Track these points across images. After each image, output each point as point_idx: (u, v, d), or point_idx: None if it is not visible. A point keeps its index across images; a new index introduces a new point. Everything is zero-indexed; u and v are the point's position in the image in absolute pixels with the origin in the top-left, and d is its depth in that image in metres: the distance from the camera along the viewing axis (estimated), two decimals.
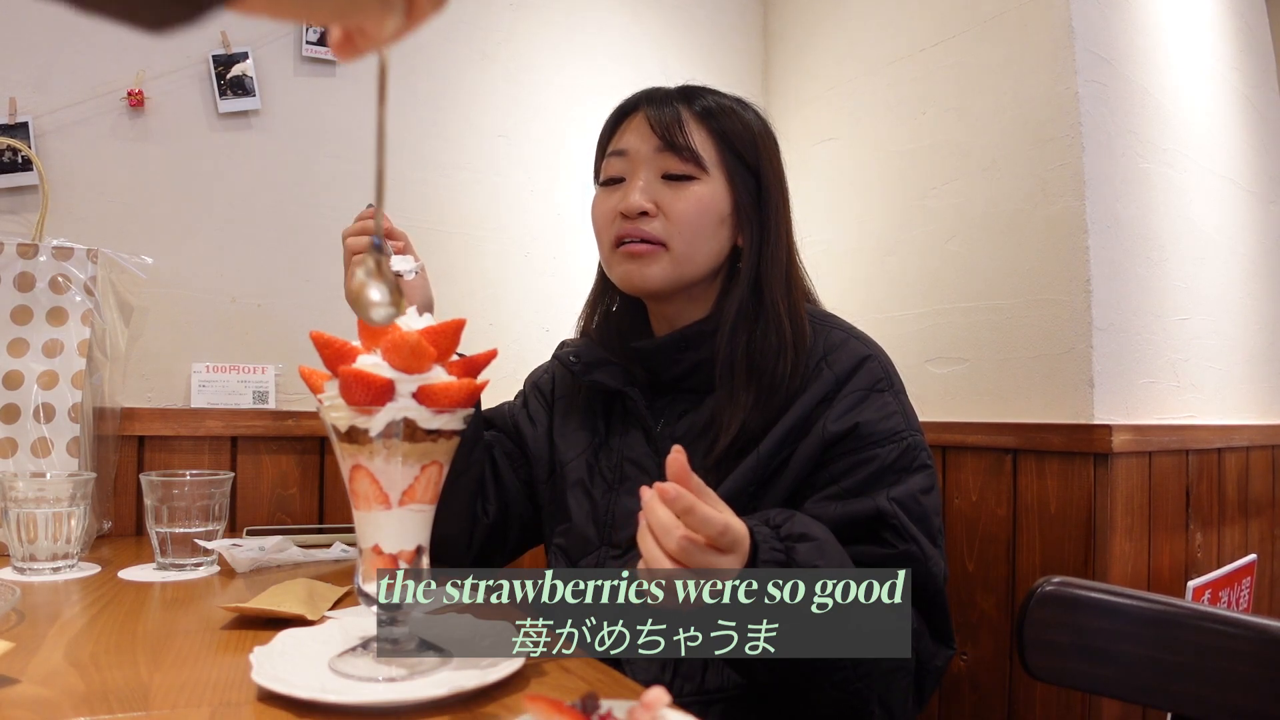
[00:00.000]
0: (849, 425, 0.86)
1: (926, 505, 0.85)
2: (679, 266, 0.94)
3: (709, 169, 0.94)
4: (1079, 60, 1.32)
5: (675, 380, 0.97)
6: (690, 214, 0.92)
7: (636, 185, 0.94)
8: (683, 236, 0.93)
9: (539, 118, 1.69)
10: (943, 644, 0.86)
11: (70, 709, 0.54)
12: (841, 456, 0.86)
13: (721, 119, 0.95)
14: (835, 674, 0.72)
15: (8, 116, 1.27)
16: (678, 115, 0.94)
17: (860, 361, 0.90)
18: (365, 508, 0.61)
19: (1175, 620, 0.73)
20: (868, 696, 0.75)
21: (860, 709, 0.76)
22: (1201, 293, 1.57)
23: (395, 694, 0.56)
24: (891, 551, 0.82)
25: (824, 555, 0.71)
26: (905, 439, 0.87)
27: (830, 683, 0.73)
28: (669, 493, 0.60)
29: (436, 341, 0.60)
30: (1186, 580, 1.38)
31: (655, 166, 0.94)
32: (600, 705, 0.42)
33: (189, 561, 1.02)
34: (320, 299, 1.47)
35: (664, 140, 0.93)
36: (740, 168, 0.95)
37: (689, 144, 0.93)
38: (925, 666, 0.83)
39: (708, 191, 0.93)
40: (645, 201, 0.93)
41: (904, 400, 0.91)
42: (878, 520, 0.83)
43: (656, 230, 0.93)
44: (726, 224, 0.95)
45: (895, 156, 1.61)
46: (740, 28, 1.96)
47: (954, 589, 1.40)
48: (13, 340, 1.18)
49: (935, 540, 0.85)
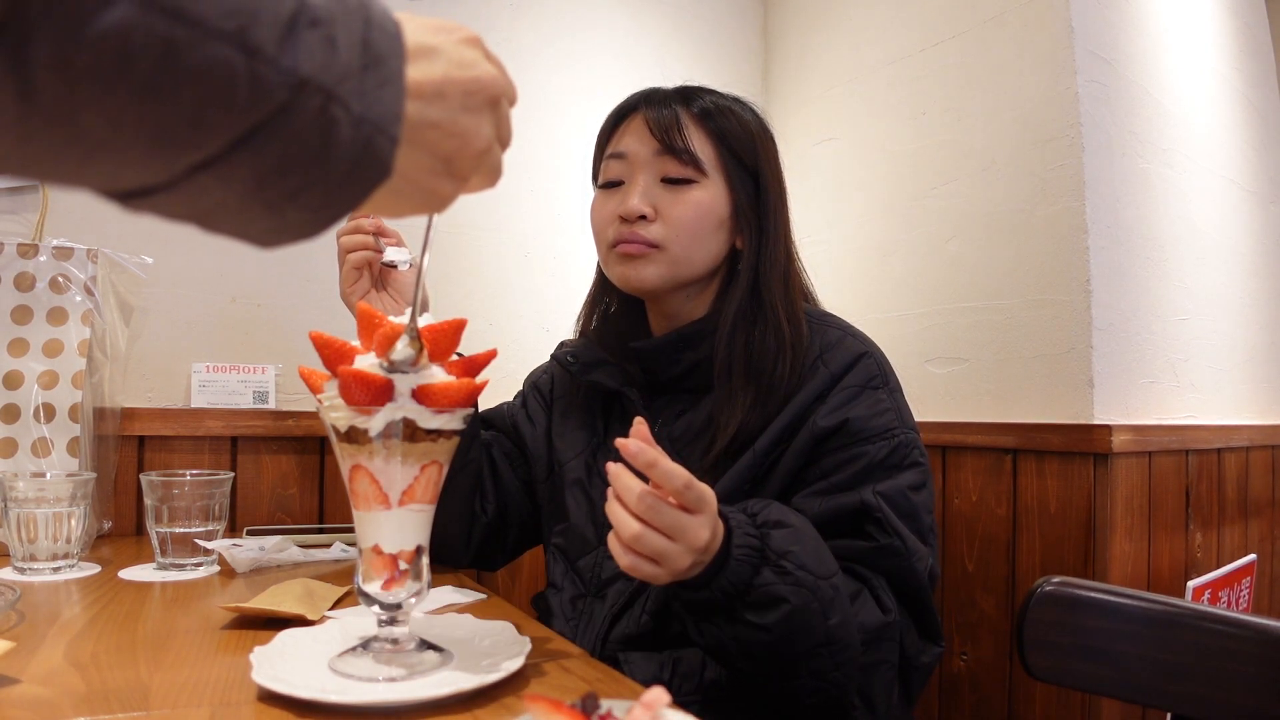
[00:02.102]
0: (839, 421, 0.86)
1: (916, 502, 0.85)
2: (675, 267, 0.94)
3: (708, 172, 0.94)
4: (1079, 60, 1.32)
5: (673, 380, 0.97)
6: (689, 218, 0.92)
7: (636, 189, 0.94)
8: (680, 241, 0.93)
9: (539, 118, 1.69)
10: (930, 641, 0.85)
11: (70, 709, 0.54)
12: (831, 452, 0.86)
13: (720, 119, 0.95)
14: (811, 662, 0.72)
15: None
16: (676, 117, 0.93)
17: (856, 359, 0.90)
18: (365, 508, 0.61)
19: (1175, 620, 0.73)
20: (846, 687, 0.75)
21: (840, 701, 0.76)
22: (1201, 293, 1.57)
23: (395, 694, 0.56)
24: (873, 545, 0.82)
25: (799, 542, 0.71)
26: (897, 436, 0.86)
27: (807, 671, 0.72)
28: (630, 447, 0.61)
29: (436, 341, 0.60)
30: (1186, 580, 1.38)
31: (654, 170, 0.94)
32: (600, 705, 0.42)
33: (189, 561, 1.02)
34: (320, 299, 1.47)
35: (663, 143, 0.93)
36: (739, 169, 0.95)
37: (688, 147, 0.92)
38: (912, 663, 0.83)
39: (706, 195, 0.93)
40: (644, 206, 0.93)
41: (898, 398, 0.91)
42: (862, 513, 0.83)
43: (655, 234, 0.93)
44: (725, 226, 0.95)
45: (895, 156, 1.61)
46: (740, 28, 1.96)
47: (954, 589, 1.40)
48: (13, 340, 1.18)
49: (925, 538, 0.84)
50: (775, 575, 0.69)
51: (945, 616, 1.41)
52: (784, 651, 0.71)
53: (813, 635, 0.71)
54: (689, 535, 0.63)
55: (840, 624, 0.72)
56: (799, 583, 0.69)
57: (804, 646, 0.71)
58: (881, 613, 0.79)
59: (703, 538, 0.64)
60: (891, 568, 0.82)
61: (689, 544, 0.64)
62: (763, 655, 0.71)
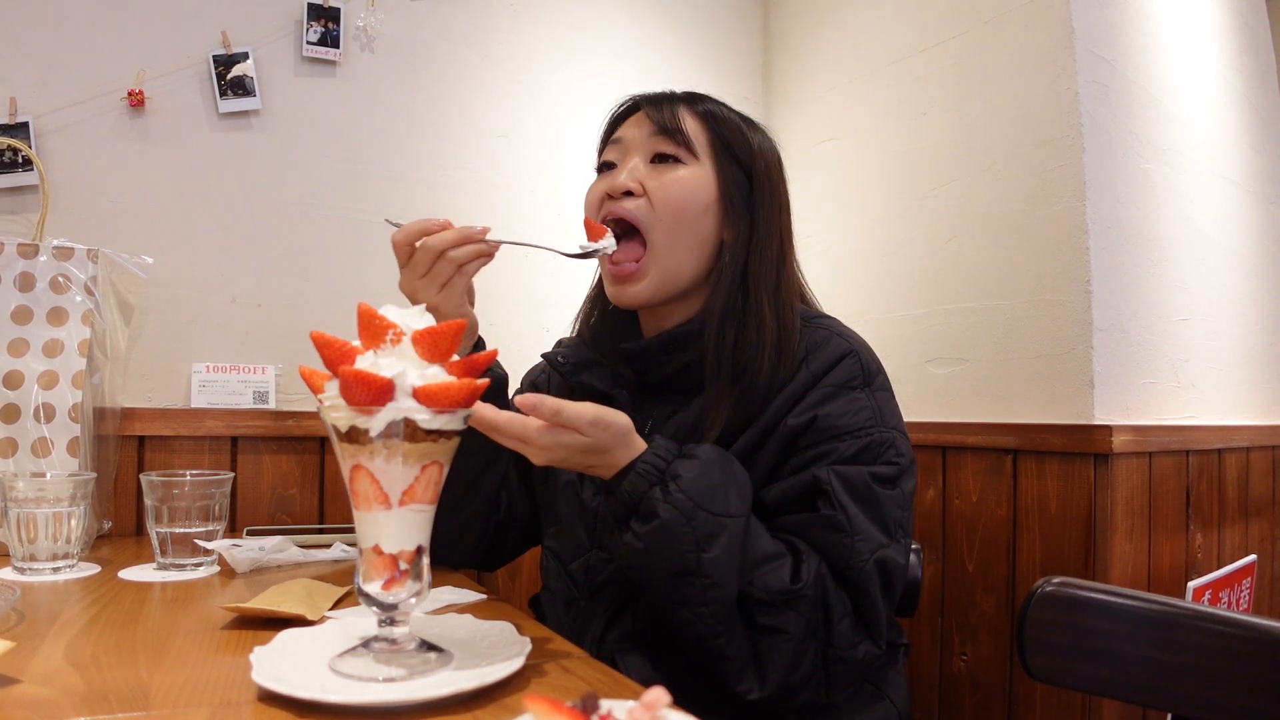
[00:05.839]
0: (808, 419, 0.85)
1: (880, 493, 0.83)
2: (661, 264, 0.93)
3: (698, 154, 0.95)
4: (1079, 60, 1.32)
5: (664, 382, 0.97)
6: (672, 196, 0.93)
7: (626, 167, 0.95)
8: (664, 223, 0.93)
9: (539, 118, 1.69)
10: (867, 636, 0.81)
11: (70, 709, 0.54)
12: (801, 450, 0.85)
13: (718, 117, 0.97)
14: (682, 588, 0.76)
15: (8, 116, 1.27)
16: (675, 106, 0.96)
17: (839, 359, 0.89)
18: (365, 508, 0.61)
19: (1175, 620, 0.73)
20: (720, 634, 0.77)
21: (717, 650, 0.77)
22: (1201, 293, 1.57)
23: (395, 694, 0.56)
24: (814, 515, 0.81)
25: (694, 471, 0.77)
26: (870, 435, 0.85)
27: (678, 597, 0.77)
28: (529, 402, 0.71)
29: (435, 343, 0.60)
30: (1187, 581, 1.38)
31: (647, 150, 0.96)
32: (600, 705, 0.42)
33: (189, 561, 1.02)
34: (320, 299, 1.47)
35: (657, 125, 0.95)
36: (730, 159, 0.95)
37: (680, 127, 0.94)
38: (837, 653, 0.79)
39: (692, 175, 0.94)
40: (630, 182, 0.94)
41: (880, 398, 0.89)
42: (813, 487, 0.82)
43: (638, 210, 0.93)
44: (711, 213, 0.95)
45: (896, 157, 1.61)
46: (740, 28, 1.96)
47: (954, 589, 1.40)
48: (13, 340, 1.18)
49: (889, 531, 0.82)
50: (661, 494, 0.76)
51: (945, 616, 1.41)
52: (653, 566, 0.77)
53: (681, 559, 0.75)
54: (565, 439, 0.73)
55: (716, 560, 0.75)
56: (675, 504, 0.75)
57: (672, 566, 0.76)
58: (790, 581, 0.78)
59: (580, 441, 0.74)
60: (831, 543, 0.80)
61: (571, 444, 0.74)
62: (638, 567, 0.79)
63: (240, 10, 1.43)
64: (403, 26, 1.57)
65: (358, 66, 1.53)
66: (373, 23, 1.53)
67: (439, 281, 0.89)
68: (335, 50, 1.49)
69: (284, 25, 1.47)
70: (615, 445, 0.77)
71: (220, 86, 1.41)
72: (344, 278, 1.49)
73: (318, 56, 1.49)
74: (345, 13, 1.50)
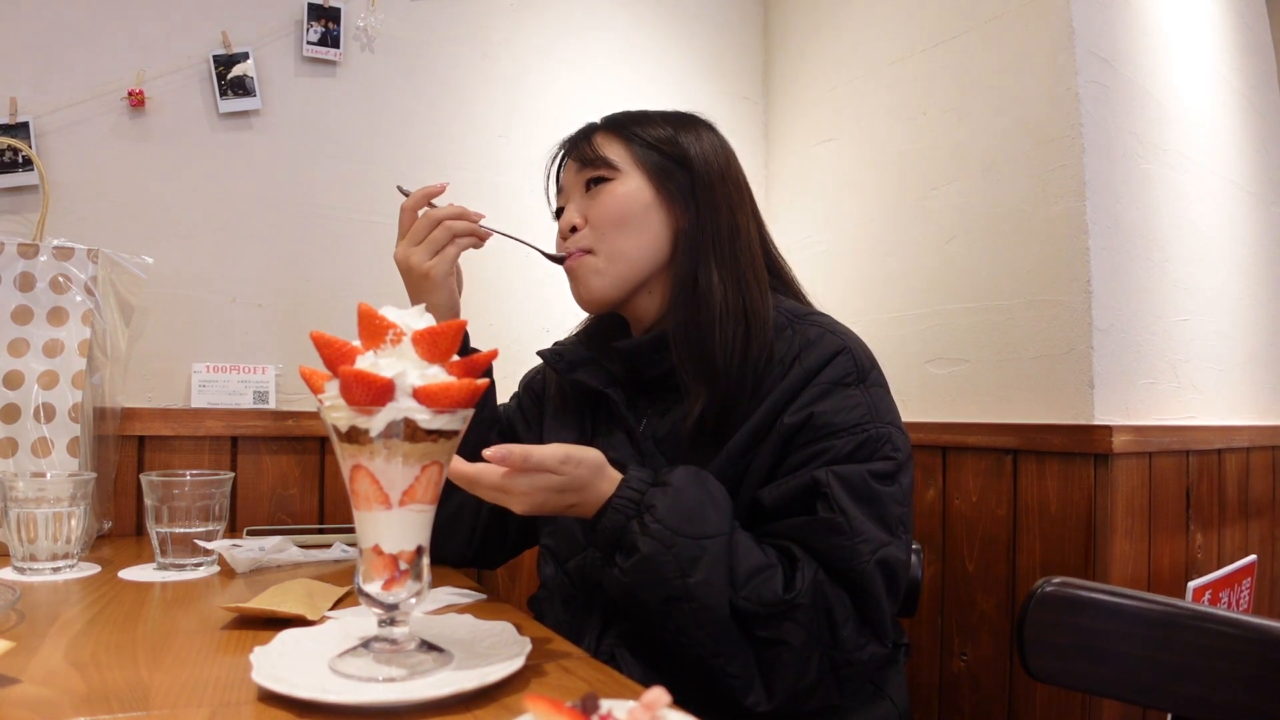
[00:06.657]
0: (804, 417, 0.85)
1: (879, 490, 0.83)
2: (613, 264, 0.96)
3: (621, 167, 0.98)
4: (1079, 61, 1.32)
5: (657, 380, 0.97)
6: (607, 210, 0.97)
7: (570, 209, 1.01)
8: (606, 238, 0.97)
9: (539, 118, 1.69)
10: (874, 637, 0.81)
11: (70, 709, 0.54)
12: (798, 448, 0.85)
13: (630, 124, 1.00)
14: (673, 616, 0.77)
15: (8, 116, 1.27)
16: (587, 134, 1.01)
17: (832, 356, 0.88)
18: (365, 508, 0.61)
19: (1175, 621, 0.73)
20: (717, 653, 0.77)
21: (717, 669, 0.77)
22: (1201, 293, 1.57)
23: (395, 694, 0.56)
24: (812, 518, 0.81)
25: (668, 499, 0.78)
26: (866, 431, 0.85)
27: (672, 625, 0.77)
28: (498, 453, 0.71)
29: (436, 343, 0.60)
30: (1187, 581, 1.38)
31: (580, 184, 1.00)
32: (600, 705, 0.42)
33: (189, 561, 1.02)
34: (320, 299, 1.47)
35: (579, 160, 1.00)
36: (658, 158, 0.98)
37: (598, 154, 0.98)
38: (845, 656, 0.79)
39: (622, 186, 0.97)
40: (575, 218, 1.00)
41: (875, 394, 0.88)
42: (812, 489, 0.82)
43: (585, 239, 0.98)
44: (654, 210, 0.97)
45: (895, 157, 1.61)
46: (740, 28, 1.96)
47: (954, 589, 1.40)
48: (13, 340, 1.18)
49: (890, 528, 0.82)
50: (638, 526, 0.78)
51: (945, 617, 1.41)
52: (640, 597, 0.79)
53: (667, 586, 0.76)
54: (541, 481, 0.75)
55: (701, 583, 0.76)
56: (654, 535, 0.77)
57: (659, 595, 0.77)
58: (783, 590, 0.77)
59: (555, 480, 0.75)
60: (830, 546, 0.80)
61: (547, 485, 0.75)
62: (629, 599, 0.81)
63: (240, 10, 1.43)
64: (403, 26, 1.57)
65: (358, 66, 1.53)
66: (373, 23, 1.53)
67: (434, 248, 0.99)
68: (335, 50, 1.49)
69: (284, 25, 1.47)
70: (591, 479, 0.78)
71: (220, 86, 1.41)
72: (344, 278, 1.49)
73: (318, 56, 1.49)
74: (345, 13, 1.51)
